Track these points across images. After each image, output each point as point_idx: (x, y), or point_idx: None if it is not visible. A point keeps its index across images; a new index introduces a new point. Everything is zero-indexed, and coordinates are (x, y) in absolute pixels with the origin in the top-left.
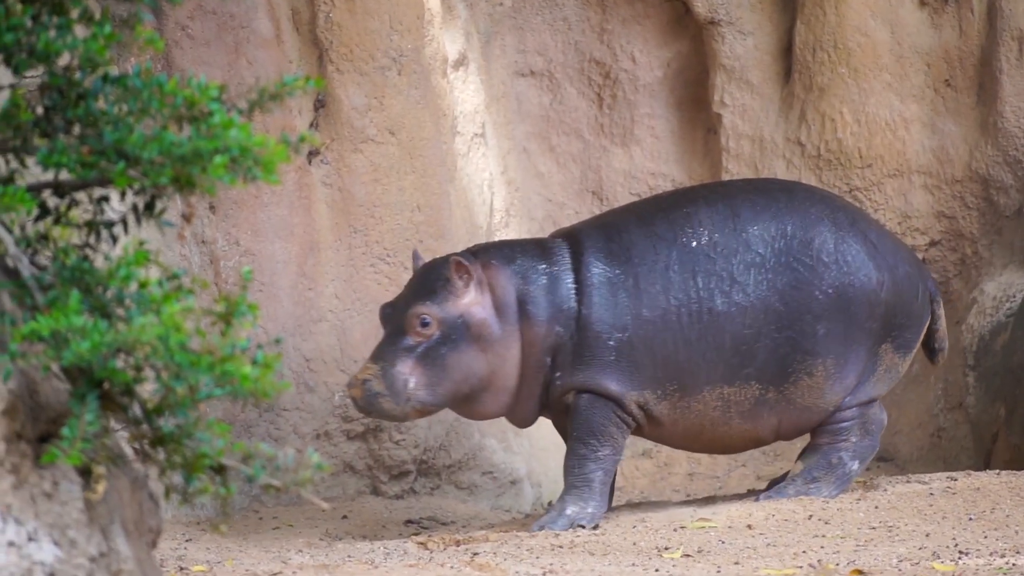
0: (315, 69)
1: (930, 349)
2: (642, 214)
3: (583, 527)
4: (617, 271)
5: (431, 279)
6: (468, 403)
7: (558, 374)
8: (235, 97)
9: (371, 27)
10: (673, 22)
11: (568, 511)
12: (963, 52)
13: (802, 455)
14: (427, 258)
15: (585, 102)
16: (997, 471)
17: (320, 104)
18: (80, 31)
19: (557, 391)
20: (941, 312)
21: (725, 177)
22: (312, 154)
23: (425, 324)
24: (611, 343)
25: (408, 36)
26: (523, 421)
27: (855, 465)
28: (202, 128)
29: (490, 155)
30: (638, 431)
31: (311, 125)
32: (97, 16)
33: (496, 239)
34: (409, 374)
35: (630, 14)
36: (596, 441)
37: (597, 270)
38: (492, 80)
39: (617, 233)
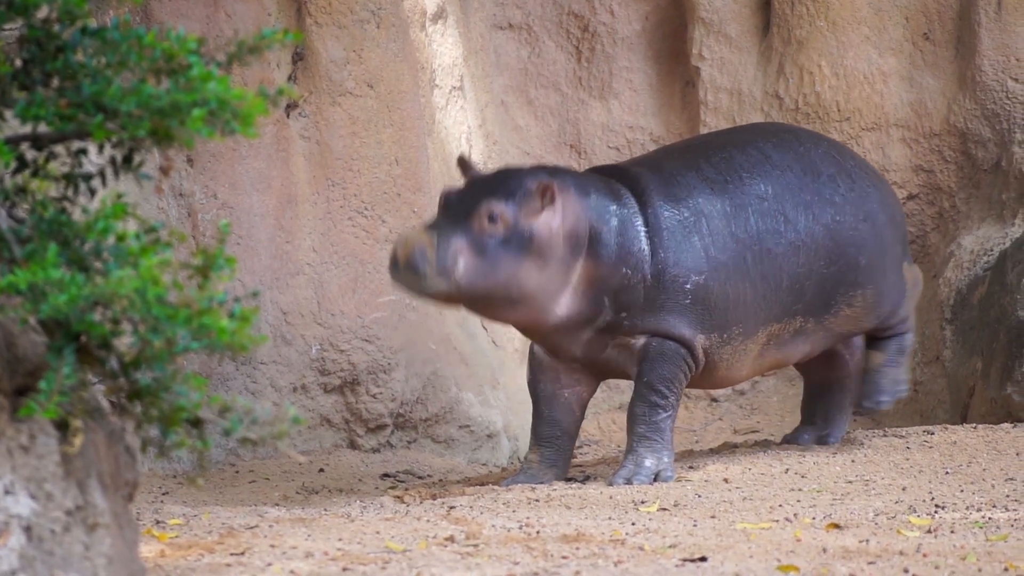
0: (294, 22)
1: None
2: (684, 159)
3: (668, 479)
4: (686, 213)
5: (512, 183)
6: (497, 307)
7: (624, 314)
8: (214, 50)
9: None
10: None
11: (647, 463)
12: (941, 5)
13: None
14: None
15: (563, 55)
16: (974, 425)
17: (298, 57)
18: None
19: (623, 332)
20: None
21: (703, 130)
22: (290, 107)
23: (492, 219)
24: (688, 286)
25: None
26: (565, 355)
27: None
28: (180, 81)
29: (468, 108)
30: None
31: (289, 78)
32: None
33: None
34: (460, 253)
35: None
36: (667, 389)
37: (667, 213)
38: (470, 33)
39: (672, 176)
